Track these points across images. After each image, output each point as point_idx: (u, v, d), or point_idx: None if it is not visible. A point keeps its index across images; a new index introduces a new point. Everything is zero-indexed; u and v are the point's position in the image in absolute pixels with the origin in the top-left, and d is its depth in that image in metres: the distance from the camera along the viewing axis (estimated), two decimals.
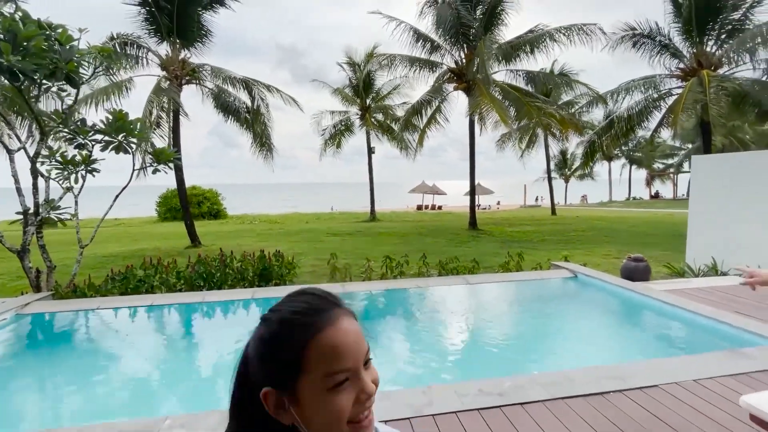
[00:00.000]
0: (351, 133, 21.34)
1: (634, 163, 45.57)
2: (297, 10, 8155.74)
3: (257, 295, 5.12)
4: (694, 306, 4.23)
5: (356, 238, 12.53)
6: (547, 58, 13.38)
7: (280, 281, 5.85)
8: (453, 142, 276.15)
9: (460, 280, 5.72)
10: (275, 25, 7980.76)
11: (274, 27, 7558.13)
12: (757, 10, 11.26)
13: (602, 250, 9.95)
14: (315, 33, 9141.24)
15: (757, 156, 6.57)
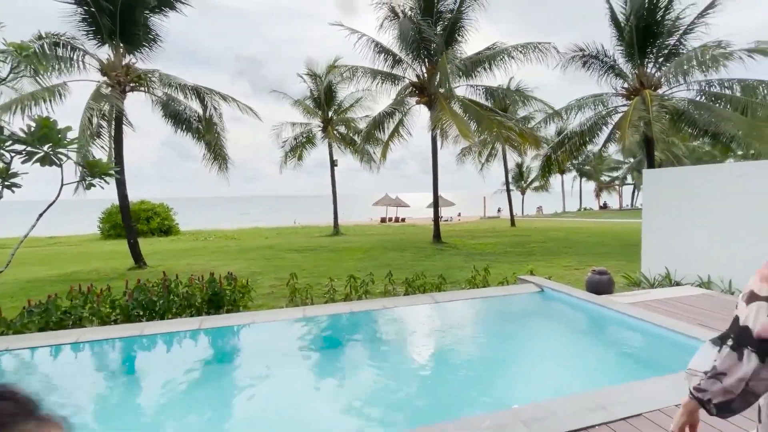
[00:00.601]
0: (313, 145, 20.94)
1: (584, 176, 48.46)
2: (257, 20, 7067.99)
3: (205, 324, 4.57)
4: (660, 319, 4.24)
5: (319, 254, 12.04)
6: (505, 74, 13.88)
7: (232, 307, 5.31)
8: (415, 155, 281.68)
9: (427, 299, 5.47)
10: (234, 36, 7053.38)
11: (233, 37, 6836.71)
12: (690, 36, 12.29)
13: (562, 261, 10.17)
14: (276, 44, 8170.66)
15: (702, 170, 6.95)
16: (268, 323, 4.71)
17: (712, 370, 1.02)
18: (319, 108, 19.90)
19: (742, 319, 0.99)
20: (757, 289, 0.99)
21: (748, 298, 1.00)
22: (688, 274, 6.73)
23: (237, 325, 4.67)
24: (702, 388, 1.04)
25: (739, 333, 0.98)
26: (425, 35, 12.25)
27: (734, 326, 1.00)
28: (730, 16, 12.83)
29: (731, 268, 6.13)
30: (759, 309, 0.97)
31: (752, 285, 1.01)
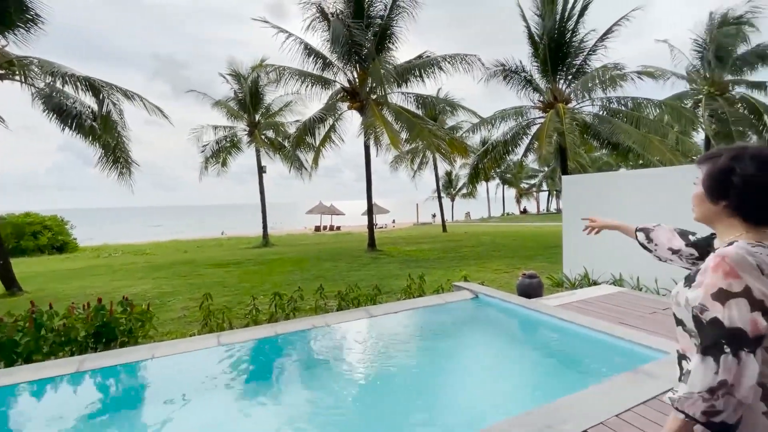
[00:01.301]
0: (238, 150, 19.55)
1: (506, 183, 52.17)
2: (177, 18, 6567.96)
3: (87, 365, 3.67)
4: (588, 321, 4.33)
5: (244, 268, 11.04)
6: (435, 84, 14.19)
7: (128, 340, 4.40)
8: (349, 162, 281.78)
9: (361, 313, 5.09)
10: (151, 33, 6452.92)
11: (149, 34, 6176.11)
12: (593, 57, 13.69)
13: (492, 265, 10.49)
14: (199, 45, 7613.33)
15: (610, 176, 7.54)
16: (172, 357, 3.94)
17: (720, 385, 0.92)
18: (245, 111, 18.67)
19: (727, 321, 0.93)
20: (727, 285, 0.95)
21: (719, 297, 0.95)
22: (604, 273, 7.23)
23: (131, 362, 3.83)
24: (717, 410, 0.93)
25: (731, 336, 0.93)
26: (356, 39, 12.04)
27: (719, 330, 0.94)
28: (622, 44, 14.58)
29: (638, 266, 6.69)
30: (741, 306, 0.93)
31: (716, 281, 0.97)
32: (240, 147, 19.40)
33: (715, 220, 1.15)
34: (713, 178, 1.11)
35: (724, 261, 0.98)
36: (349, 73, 13.51)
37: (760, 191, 1.04)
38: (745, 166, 1.05)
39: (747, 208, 1.07)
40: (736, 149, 1.10)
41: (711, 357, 0.94)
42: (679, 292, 1.12)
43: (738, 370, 0.92)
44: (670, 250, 1.44)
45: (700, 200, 1.16)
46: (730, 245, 1.02)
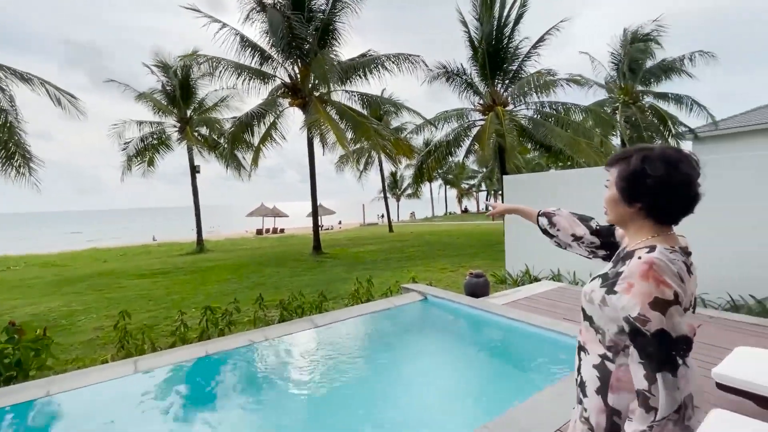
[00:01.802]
0: (168, 148, 17.87)
1: (448, 184, 53.96)
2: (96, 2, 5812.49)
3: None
4: (534, 318, 4.38)
5: (174, 278, 10.01)
6: (379, 84, 14.04)
7: (16, 374, 3.62)
8: (292, 162, 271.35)
9: (306, 324, 4.71)
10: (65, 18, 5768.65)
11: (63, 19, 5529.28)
12: (528, 63, 14.44)
13: (438, 264, 10.57)
14: (121, 33, 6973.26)
15: (548, 175, 7.88)
16: (74, 392, 3.28)
17: (689, 399, 0.96)
18: (174, 105, 17.10)
19: (673, 332, 0.94)
20: (661, 294, 0.95)
21: (658, 306, 0.95)
22: (544, 269, 7.54)
23: (17, 404, 3.12)
24: (687, 425, 0.96)
25: (679, 346, 0.94)
26: (297, 32, 11.49)
27: (668, 341, 0.94)
28: (551, 53, 15.60)
29: (573, 262, 7.06)
30: (679, 313, 0.95)
31: (650, 290, 0.96)
32: (169, 145, 17.73)
33: (629, 221, 1.15)
34: (627, 180, 1.10)
35: (652, 269, 0.97)
36: (290, 69, 12.90)
37: (670, 192, 1.05)
38: (656, 168, 1.05)
39: (658, 210, 1.08)
40: (644, 151, 1.10)
41: (669, 372, 0.93)
42: (594, 290, 1.11)
43: (692, 377, 0.95)
44: (572, 236, 1.43)
45: (614, 203, 1.15)
46: (652, 251, 1.02)
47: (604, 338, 1.08)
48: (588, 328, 1.15)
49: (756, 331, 3.99)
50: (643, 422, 0.94)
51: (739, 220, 5.05)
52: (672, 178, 1.04)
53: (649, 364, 0.95)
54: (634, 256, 1.05)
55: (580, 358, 1.18)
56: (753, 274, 4.95)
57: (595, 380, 1.09)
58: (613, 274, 1.09)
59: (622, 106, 18.02)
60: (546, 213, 1.53)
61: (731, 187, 5.11)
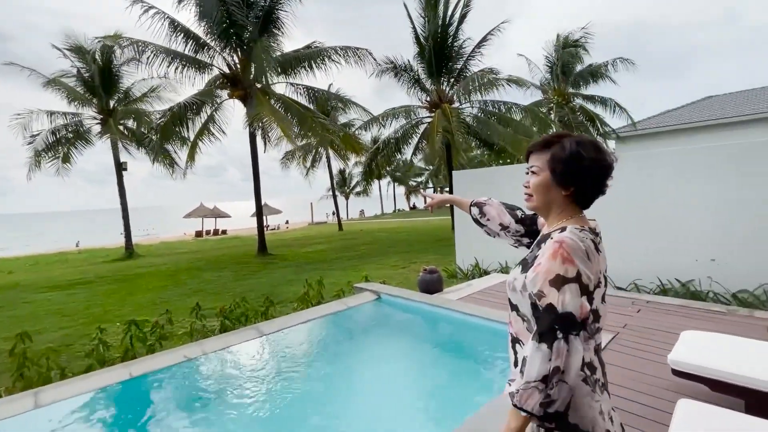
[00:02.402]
0: (87, 143, 15.90)
1: (396, 181, 54.52)
2: None
3: None
4: (489, 312, 4.36)
5: (95, 289, 8.86)
6: (326, 77, 13.59)
7: None
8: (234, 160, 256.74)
9: (250, 333, 4.29)
10: None
11: None
12: (471, 63, 14.82)
13: (390, 261, 10.46)
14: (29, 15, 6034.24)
15: (495, 170, 8.05)
16: None
17: (554, 372, 0.94)
18: (94, 94, 15.24)
19: (560, 307, 0.96)
20: (563, 271, 0.97)
21: (556, 283, 0.97)
22: (493, 262, 7.70)
23: None
24: (552, 399, 0.94)
25: (563, 321, 0.95)
26: (236, 19, 10.68)
27: (553, 315, 0.96)
28: (492, 54, 16.18)
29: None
30: (573, 291, 0.96)
31: (554, 267, 0.98)
32: (89, 139, 15.77)
33: (554, 206, 1.16)
34: (565, 163, 1.10)
35: (562, 247, 0.99)
36: (229, 58, 12.01)
37: (600, 175, 1.09)
38: (589, 151, 1.08)
39: (586, 193, 1.11)
40: (572, 136, 1.12)
41: (545, 343, 0.94)
42: (516, 278, 1.13)
43: (568, 354, 0.94)
44: (500, 225, 1.47)
45: (546, 187, 1.15)
46: (563, 231, 1.05)
47: (530, 325, 1.08)
48: (516, 318, 1.15)
49: (686, 313, 4.29)
50: (518, 385, 0.98)
51: (665, 213, 5.46)
52: (602, 162, 1.08)
53: (535, 334, 0.98)
54: (548, 238, 1.08)
55: (515, 351, 1.16)
56: (677, 261, 5.38)
57: None
58: (531, 258, 1.11)
59: (556, 107, 19.26)
60: (477, 203, 1.55)
61: (659, 183, 5.50)
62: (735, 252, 4.90)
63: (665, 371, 2.82)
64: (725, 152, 5.00)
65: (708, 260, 5.13)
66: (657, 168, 5.54)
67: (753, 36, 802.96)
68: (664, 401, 2.46)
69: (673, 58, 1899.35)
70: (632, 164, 5.70)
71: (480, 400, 3.09)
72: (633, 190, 5.68)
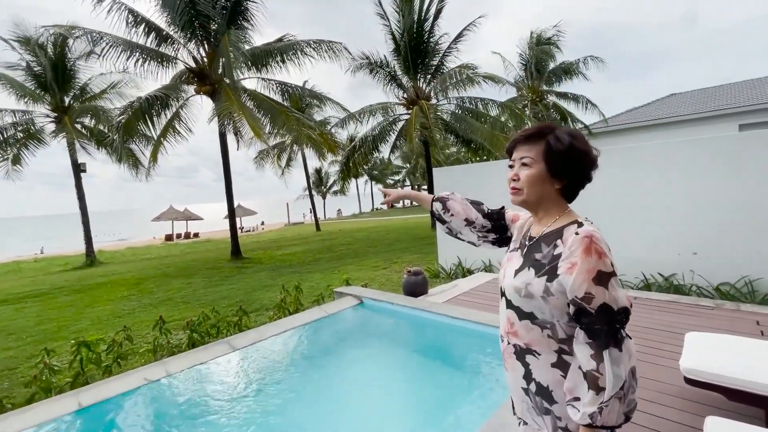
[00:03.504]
0: (40, 143, 14.74)
1: (373, 179, 54.24)
2: None
3: None
4: (478, 315, 4.15)
5: (50, 302, 8.11)
6: (300, 72, 13.10)
7: None
8: (206, 161, 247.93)
9: (221, 348, 3.90)
10: None
11: None
12: (448, 59, 14.69)
13: (370, 262, 10.17)
14: None
15: (475, 167, 7.89)
16: None
17: (631, 374, 0.91)
18: (46, 90, 14.12)
19: (614, 304, 0.92)
20: (603, 266, 0.94)
21: (601, 280, 0.92)
22: (476, 261, 7.54)
23: None
24: (635, 402, 0.93)
25: (622, 318, 0.92)
26: (200, 9, 10.05)
27: (611, 316, 0.91)
28: (467, 52, 16.16)
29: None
30: (617, 284, 0.94)
31: (593, 264, 0.93)
32: (41, 139, 14.62)
33: (546, 200, 1.12)
34: (563, 155, 1.07)
35: (593, 242, 0.95)
36: (195, 51, 11.34)
37: (590, 168, 1.08)
38: (581, 144, 1.07)
39: (576, 186, 1.10)
40: (565, 129, 1.10)
41: (614, 348, 0.90)
42: (531, 283, 1.04)
43: (632, 349, 0.92)
44: (465, 220, 1.40)
45: (540, 180, 1.10)
46: (581, 226, 1.01)
47: (554, 332, 1.02)
48: (530, 326, 1.06)
49: (676, 309, 4.22)
50: (594, 404, 0.91)
51: (647, 206, 5.43)
52: (592, 154, 1.08)
53: (595, 342, 0.92)
54: (564, 233, 1.02)
55: (526, 363, 1.07)
56: (660, 255, 5.35)
57: (562, 380, 1.00)
58: (548, 258, 1.04)
59: (531, 104, 19.48)
60: (440, 198, 1.46)
61: (641, 177, 5.46)
62: (716, 245, 4.90)
63: (670, 375, 2.67)
64: (709, 146, 4.99)
65: (690, 254, 5.13)
66: (638, 161, 5.50)
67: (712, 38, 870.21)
68: (675, 410, 2.29)
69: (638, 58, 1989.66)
70: (614, 158, 5.64)
71: (474, 411, 2.86)
72: (614, 184, 5.62)
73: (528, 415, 1.08)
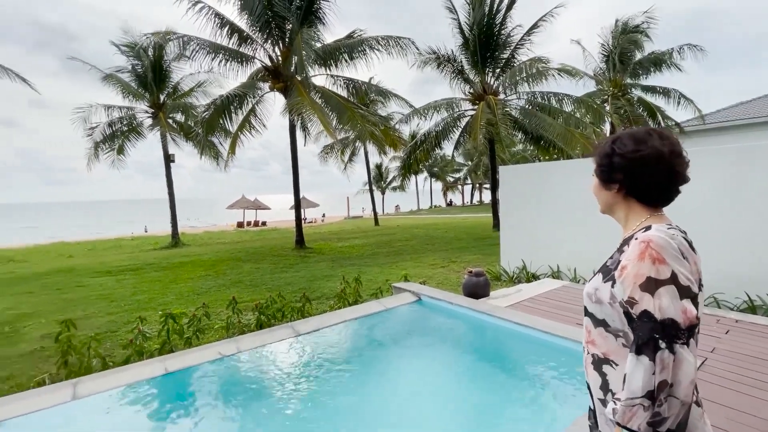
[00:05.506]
0: (139, 135, 16.72)
1: (433, 177, 53.66)
2: None
3: None
4: (546, 324, 3.90)
5: (143, 276, 9.19)
6: (367, 68, 13.33)
7: None
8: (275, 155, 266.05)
9: (286, 332, 4.11)
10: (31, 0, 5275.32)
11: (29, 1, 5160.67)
12: (520, 52, 13.97)
13: (428, 259, 10.07)
14: (90, 15, 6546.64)
15: (547, 166, 7.41)
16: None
17: (661, 387, 0.84)
18: (146, 89, 15.96)
19: (658, 313, 0.87)
20: (655, 273, 0.89)
21: (648, 287, 0.89)
22: (542, 265, 7.11)
23: None
24: (662, 417, 0.85)
25: (665, 329, 0.86)
26: (277, 10, 10.64)
27: (651, 324, 0.87)
28: (540, 44, 15.19)
29: (574, 257, 6.65)
30: (670, 294, 0.88)
31: (643, 270, 0.90)
32: (141, 132, 16.58)
33: (614, 207, 1.12)
34: (599, 163, 1.11)
35: (649, 247, 0.92)
36: (271, 50, 12.04)
37: (640, 168, 1.02)
38: (623, 145, 1.04)
39: (635, 188, 1.05)
40: (619, 132, 1.10)
41: (646, 356, 0.86)
42: (599, 288, 1.04)
43: (675, 366, 0.85)
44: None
45: (598, 190, 1.15)
46: (648, 230, 0.98)
47: (629, 340, 0.97)
48: (604, 335, 1.03)
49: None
50: (620, 401, 0.90)
51: (753, 218, 4.69)
52: (638, 153, 1.01)
53: (632, 346, 0.91)
54: (632, 239, 1.00)
55: (603, 373, 1.03)
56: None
57: None
58: (614, 264, 1.03)
59: (612, 98, 17.84)
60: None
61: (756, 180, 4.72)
62: None
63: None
64: None
65: None
66: (753, 163, 4.75)
67: None
68: None
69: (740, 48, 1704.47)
70: (721, 158, 4.94)
71: (534, 426, 2.69)
72: (719, 187, 4.92)
73: (606, 428, 1.03)
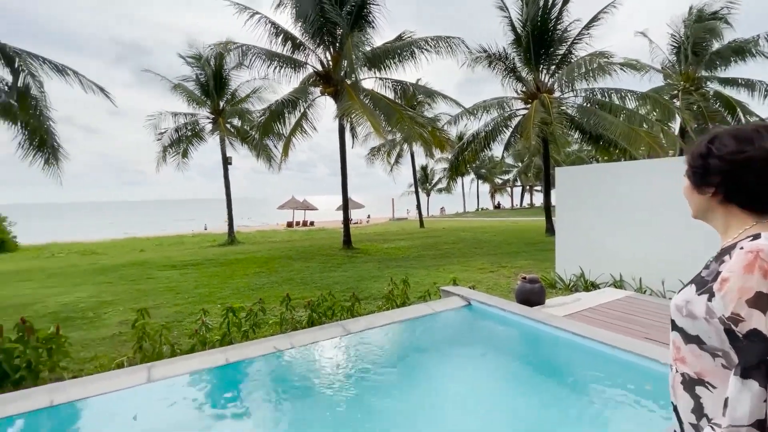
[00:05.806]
0: (201, 140, 18.00)
1: (480, 178, 52.35)
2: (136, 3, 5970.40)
3: None
4: (608, 336, 3.63)
5: (202, 270, 9.85)
6: (415, 68, 13.31)
7: (26, 377, 3.31)
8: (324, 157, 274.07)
9: (336, 330, 4.19)
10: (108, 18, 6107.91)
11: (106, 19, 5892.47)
12: (578, 47, 13.22)
13: (476, 263, 9.82)
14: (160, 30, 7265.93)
15: (608, 167, 6.94)
16: (80, 402, 2.92)
17: None
18: (208, 96, 17.15)
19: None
20: (766, 288, 0.79)
21: (758, 303, 0.79)
22: (602, 273, 6.65)
23: (17, 415, 2.78)
24: None
25: None
26: (329, 16, 10.97)
27: (762, 345, 0.78)
28: (600, 36, 14.25)
29: (640, 266, 6.14)
30: None
31: (751, 284, 0.80)
32: (202, 136, 17.85)
33: (709, 213, 1.00)
34: (692, 165, 1.01)
35: (759, 257, 0.80)
36: (322, 55, 12.42)
37: (742, 170, 0.90)
38: (722, 146, 0.93)
39: (737, 192, 0.93)
40: (714, 131, 0.99)
41: (755, 380, 0.78)
42: (691, 300, 0.93)
43: None
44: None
45: (689, 193, 1.04)
46: (756, 238, 0.86)
47: (730, 361, 0.89)
48: (698, 352, 0.94)
49: None
50: (720, 428, 0.81)
51: None
52: (742, 155, 0.89)
53: (737, 368, 0.81)
54: (736, 248, 0.88)
55: (696, 396, 0.94)
56: None
57: None
58: (712, 274, 0.92)
59: (683, 93, 16.33)
60: None
61: None
62: None
63: None
64: None
65: None
66: None
67: None
68: None
69: None
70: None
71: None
72: None
73: None
